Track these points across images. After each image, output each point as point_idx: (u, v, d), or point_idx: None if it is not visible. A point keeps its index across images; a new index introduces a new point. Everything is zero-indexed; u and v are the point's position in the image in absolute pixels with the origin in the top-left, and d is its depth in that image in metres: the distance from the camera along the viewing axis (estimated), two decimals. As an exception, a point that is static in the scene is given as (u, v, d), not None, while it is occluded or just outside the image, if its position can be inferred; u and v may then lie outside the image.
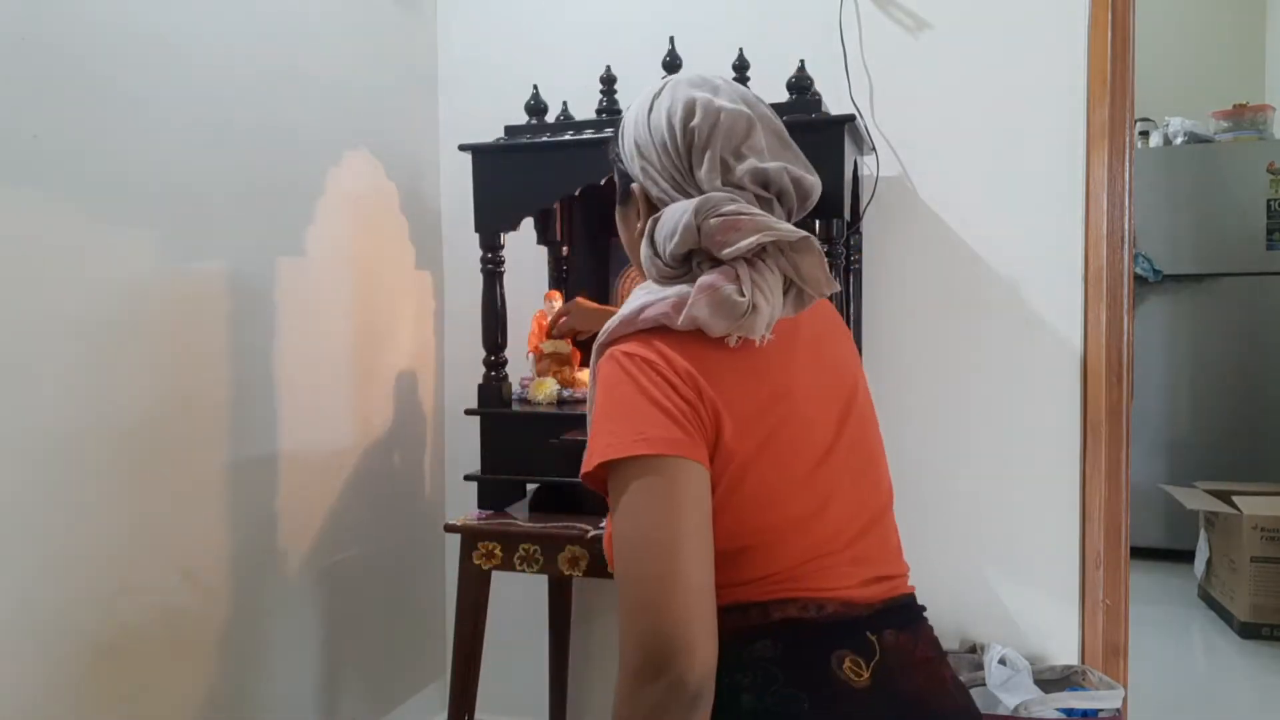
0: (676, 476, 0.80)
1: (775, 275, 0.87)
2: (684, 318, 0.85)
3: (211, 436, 1.53)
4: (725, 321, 0.84)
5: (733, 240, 0.85)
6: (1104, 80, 1.73)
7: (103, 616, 1.33)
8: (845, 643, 0.84)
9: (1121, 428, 1.76)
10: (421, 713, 2.13)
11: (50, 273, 1.26)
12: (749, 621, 0.84)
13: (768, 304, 0.85)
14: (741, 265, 0.86)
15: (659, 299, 0.88)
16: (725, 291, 0.84)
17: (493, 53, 2.13)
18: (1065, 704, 1.61)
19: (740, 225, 0.85)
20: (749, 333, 0.85)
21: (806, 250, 0.87)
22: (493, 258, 1.65)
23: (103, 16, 1.33)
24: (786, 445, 0.87)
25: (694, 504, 0.80)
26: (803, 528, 0.86)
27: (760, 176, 0.90)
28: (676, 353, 0.85)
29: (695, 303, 0.84)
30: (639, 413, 0.82)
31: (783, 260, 0.87)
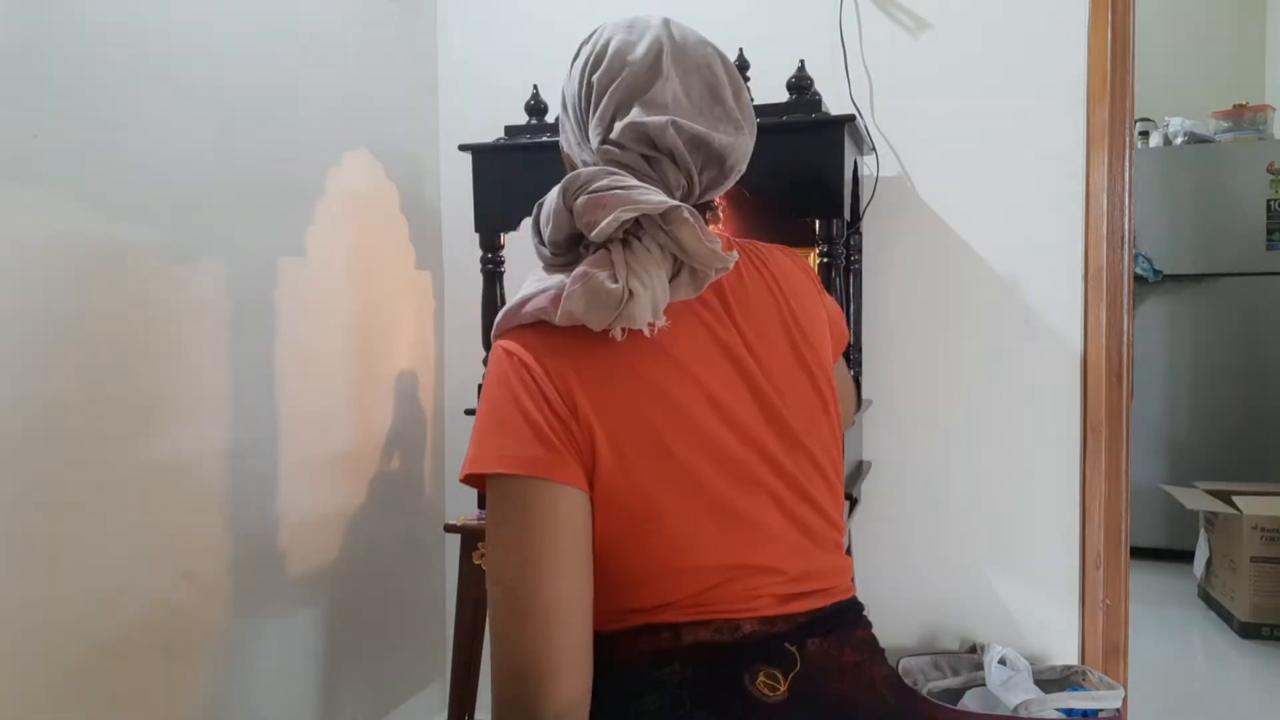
0: (538, 501, 0.74)
1: (655, 254, 0.77)
2: (560, 312, 0.77)
3: (212, 436, 1.53)
4: (602, 312, 0.75)
5: (598, 220, 0.76)
6: (1104, 80, 1.73)
7: (103, 616, 1.33)
8: (760, 658, 0.78)
9: (1121, 428, 1.76)
10: (421, 713, 2.13)
11: (49, 272, 1.26)
12: (659, 645, 0.79)
13: (645, 288, 0.75)
14: (616, 248, 0.77)
15: (541, 290, 0.80)
16: (597, 280, 0.75)
17: (493, 53, 2.13)
18: (1065, 704, 1.61)
19: (605, 202, 0.76)
20: (631, 322, 0.75)
21: (678, 222, 0.76)
22: (493, 258, 1.65)
23: (103, 17, 1.33)
24: (686, 464, 0.78)
25: (561, 530, 0.74)
26: (713, 551, 0.79)
27: (639, 131, 0.79)
28: (555, 356, 0.78)
29: (570, 295, 0.76)
30: (508, 424, 0.76)
31: (661, 236, 0.77)
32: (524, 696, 0.71)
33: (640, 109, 0.80)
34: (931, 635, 1.86)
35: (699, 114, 0.82)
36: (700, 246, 0.77)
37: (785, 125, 1.49)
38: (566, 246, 0.82)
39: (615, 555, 0.78)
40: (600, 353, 0.79)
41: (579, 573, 0.75)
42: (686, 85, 0.82)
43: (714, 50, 0.87)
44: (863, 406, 1.76)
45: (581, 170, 0.79)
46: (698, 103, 0.83)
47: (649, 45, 0.83)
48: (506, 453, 0.75)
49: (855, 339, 1.81)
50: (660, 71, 0.81)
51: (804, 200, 1.48)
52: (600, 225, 0.75)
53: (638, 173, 0.81)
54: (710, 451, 0.79)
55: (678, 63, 0.83)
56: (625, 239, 0.78)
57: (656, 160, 0.81)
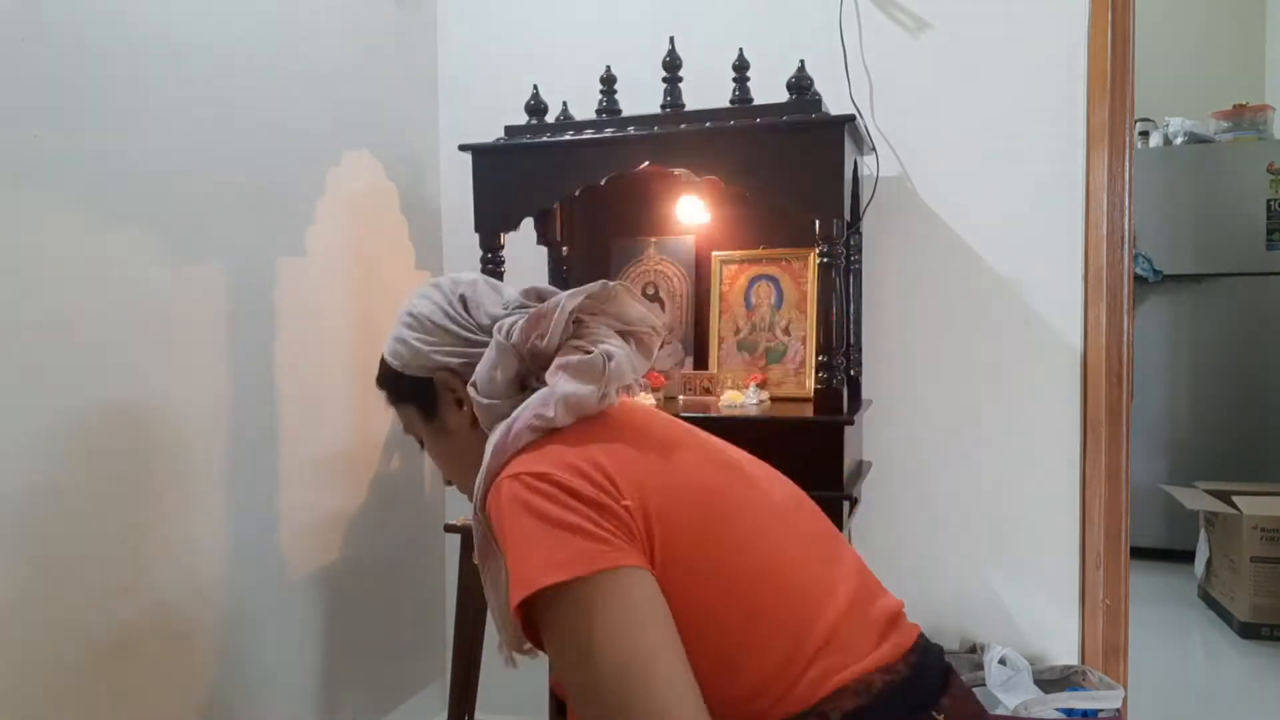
0: (606, 595, 0.69)
1: (606, 330, 0.86)
2: (555, 408, 0.79)
3: (211, 436, 1.53)
4: (594, 385, 0.80)
5: (546, 328, 0.83)
6: (1104, 80, 1.73)
7: (103, 616, 1.33)
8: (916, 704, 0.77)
9: (1121, 428, 1.76)
10: (421, 713, 2.13)
11: (49, 272, 1.26)
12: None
13: (619, 348, 0.83)
14: (569, 343, 0.85)
15: (517, 418, 0.81)
16: (575, 360, 0.82)
17: (493, 53, 2.13)
18: (1065, 704, 1.61)
19: (542, 314, 0.84)
20: (622, 379, 0.82)
21: (617, 293, 0.85)
22: (493, 258, 1.65)
23: (103, 17, 1.33)
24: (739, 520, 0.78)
25: (643, 613, 0.69)
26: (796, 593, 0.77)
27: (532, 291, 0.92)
28: (569, 449, 0.77)
29: (556, 386, 0.80)
30: (541, 538, 0.71)
31: (601, 319, 0.86)
32: None
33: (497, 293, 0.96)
34: (931, 635, 1.84)
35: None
36: (639, 309, 0.86)
37: (785, 125, 1.49)
38: (518, 387, 0.88)
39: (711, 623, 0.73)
40: (608, 433, 0.81)
41: (678, 650, 0.70)
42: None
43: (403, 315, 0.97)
44: (863, 406, 1.76)
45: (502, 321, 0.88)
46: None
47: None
48: (553, 561, 0.70)
49: (855, 339, 1.81)
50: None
51: (804, 200, 1.48)
52: (550, 327, 0.83)
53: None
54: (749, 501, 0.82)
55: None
56: (575, 334, 0.86)
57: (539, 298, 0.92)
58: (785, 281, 1.79)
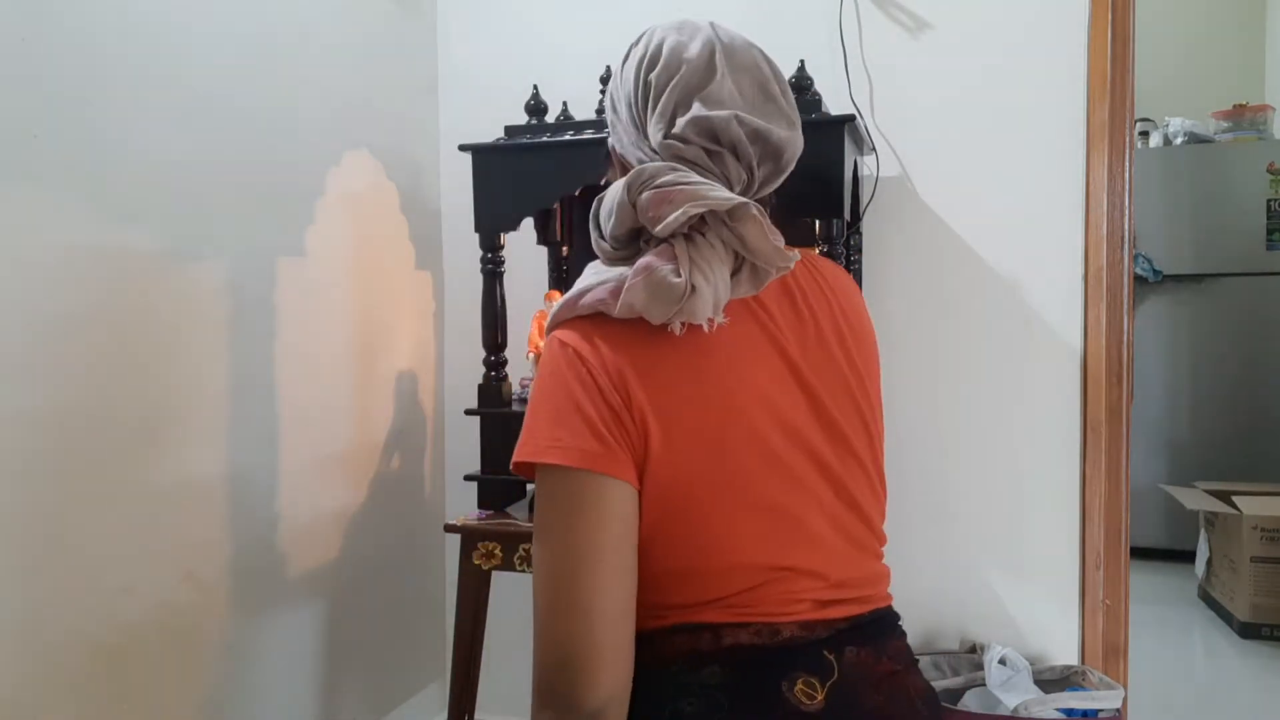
0: (589, 495, 0.75)
1: (719, 250, 0.79)
2: (620, 304, 0.78)
3: (212, 436, 1.53)
4: (664, 306, 0.76)
5: (664, 214, 0.77)
6: (1104, 80, 1.73)
7: (103, 616, 1.33)
8: (799, 665, 0.78)
9: (1121, 428, 1.76)
10: (421, 713, 2.13)
11: (49, 272, 1.26)
12: (699, 645, 0.78)
13: (708, 283, 0.77)
14: (680, 242, 0.78)
15: (599, 282, 0.81)
16: (661, 273, 0.76)
17: (492, 53, 2.13)
18: (1065, 704, 1.61)
19: (672, 197, 0.77)
20: (692, 317, 0.76)
21: (745, 218, 0.78)
22: (493, 258, 1.65)
23: (103, 17, 1.33)
24: (735, 461, 0.79)
25: (608, 524, 0.75)
26: (756, 550, 0.79)
27: (703, 125, 0.80)
28: (612, 348, 0.79)
29: (631, 287, 0.77)
30: (560, 414, 0.77)
31: (725, 232, 0.79)
32: (565, 688, 0.72)
33: (700, 104, 0.81)
34: (931, 635, 1.86)
35: (755, 110, 0.83)
36: (765, 244, 0.79)
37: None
38: (627, 241, 0.83)
39: (659, 547, 0.79)
40: (658, 347, 0.79)
41: (625, 568, 0.76)
42: (739, 83, 0.83)
43: (760, 51, 0.88)
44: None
45: (645, 165, 0.80)
46: (752, 99, 0.84)
47: (703, 44, 0.84)
48: (560, 443, 0.76)
49: (855, 339, 1.81)
50: (716, 69, 0.83)
51: (804, 200, 1.48)
52: (666, 220, 0.77)
53: (699, 167, 0.82)
54: (761, 451, 0.80)
55: (730, 61, 0.84)
56: (689, 234, 0.79)
57: (719, 154, 0.82)
58: (785, 281, 1.79)
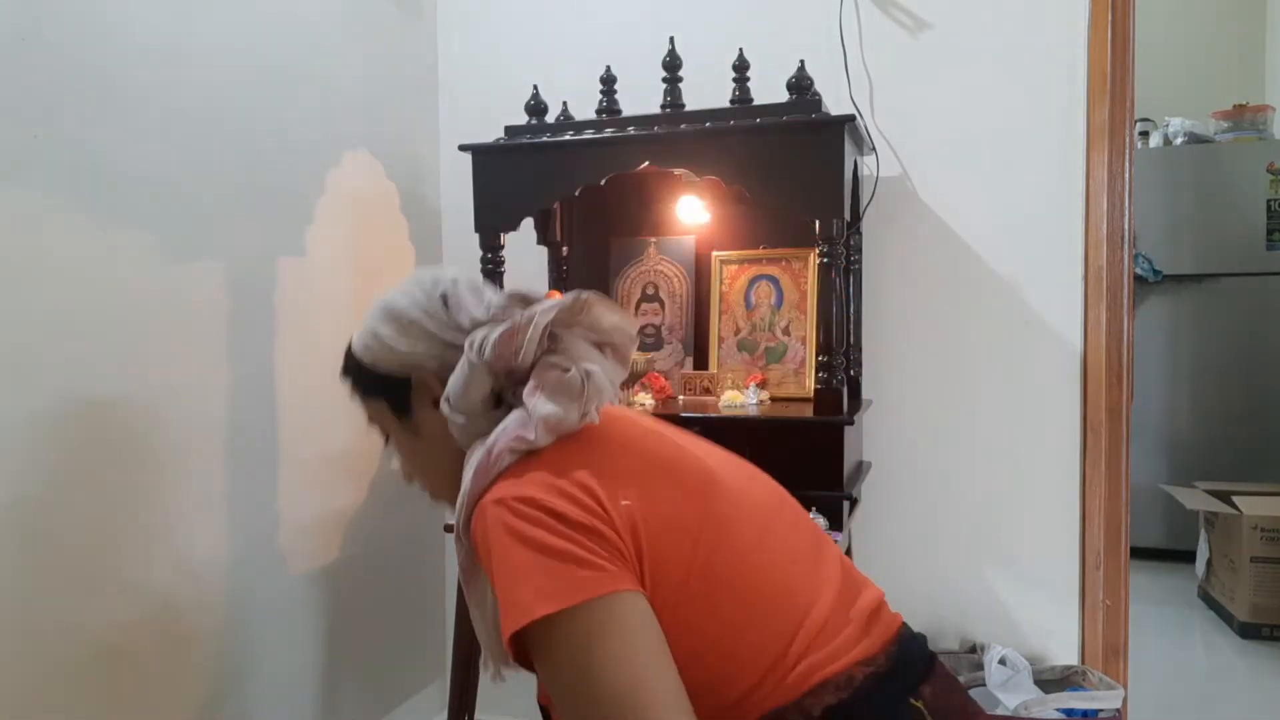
0: (603, 621, 0.68)
1: (582, 344, 0.83)
2: (536, 430, 0.77)
3: (211, 436, 1.53)
4: (573, 401, 0.78)
5: (520, 343, 0.80)
6: (1104, 80, 1.73)
7: (102, 616, 1.33)
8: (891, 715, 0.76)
9: (1121, 428, 1.76)
10: (421, 713, 2.13)
11: (49, 273, 1.25)
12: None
13: (596, 364, 0.81)
14: (544, 360, 0.81)
15: (496, 440, 0.79)
16: (553, 378, 0.79)
17: (492, 53, 2.13)
18: (1065, 704, 1.61)
19: (516, 329, 0.80)
20: (601, 397, 0.80)
21: (591, 304, 0.82)
22: (493, 258, 1.65)
23: (103, 17, 1.33)
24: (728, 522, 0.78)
25: (640, 635, 0.69)
26: (782, 603, 0.78)
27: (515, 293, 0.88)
28: (552, 470, 0.76)
29: (536, 407, 0.78)
30: (529, 568, 0.70)
31: (577, 331, 0.83)
32: None
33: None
34: (931, 635, 1.86)
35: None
36: (615, 316, 0.84)
37: (785, 125, 1.49)
38: (493, 403, 0.85)
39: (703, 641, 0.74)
40: (593, 451, 0.79)
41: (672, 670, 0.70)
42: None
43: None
44: (863, 406, 1.76)
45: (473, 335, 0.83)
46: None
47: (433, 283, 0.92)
48: (544, 591, 0.69)
49: (855, 339, 1.81)
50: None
51: (804, 200, 1.48)
52: (524, 344, 0.80)
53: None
54: (738, 502, 0.81)
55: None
56: (549, 349, 0.82)
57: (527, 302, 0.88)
58: (785, 281, 1.79)
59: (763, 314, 1.80)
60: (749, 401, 1.65)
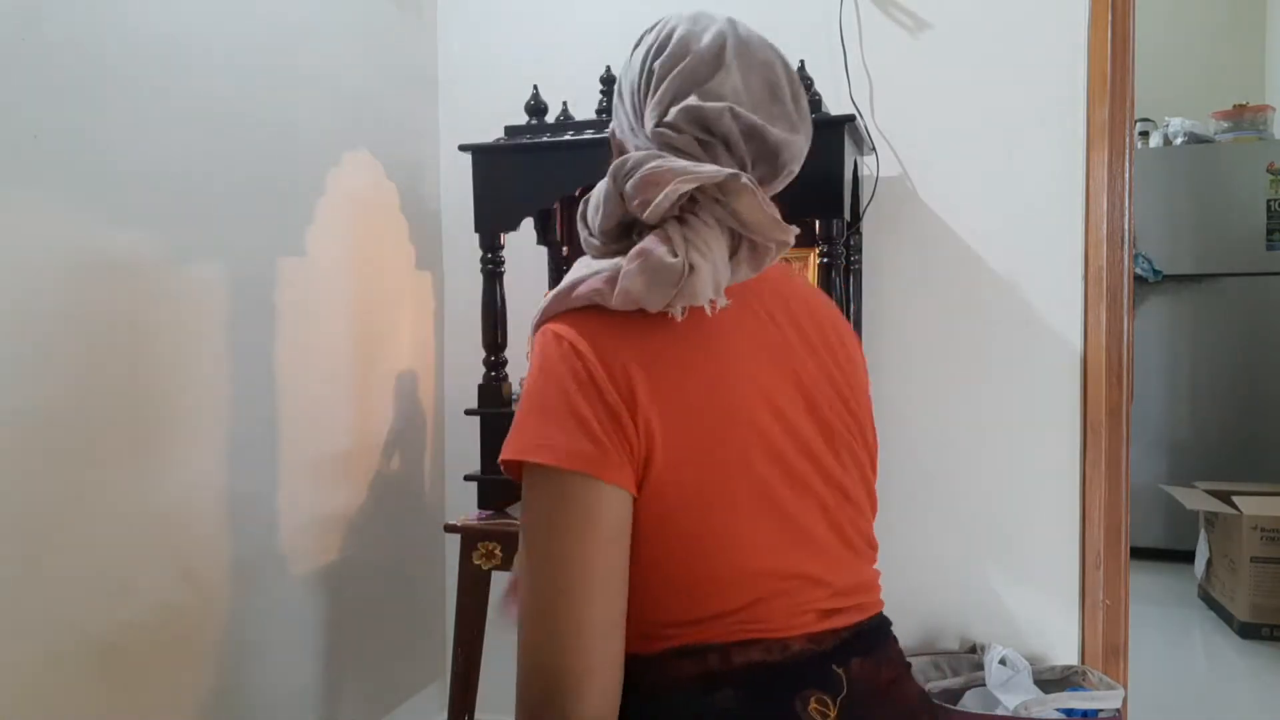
0: (580, 500, 0.70)
1: (714, 228, 0.75)
2: (618, 293, 0.73)
3: (211, 436, 1.53)
4: (663, 290, 0.72)
5: (652, 197, 0.73)
6: (1104, 80, 1.73)
7: (103, 616, 1.33)
8: (810, 681, 0.75)
9: (1121, 428, 1.76)
10: (421, 713, 2.13)
11: (50, 273, 1.25)
12: (708, 667, 0.74)
13: (707, 261, 0.73)
14: (673, 225, 0.75)
15: (592, 273, 0.77)
16: (657, 255, 0.72)
17: (492, 53, 2.13)
18: (1065, 704, 1.61)
19: (658, 179, 0.74)
20: (693, 299, 0.73)
21: (738, 191, 0.74)
22: (493, 258, 1.65)
23: (103, 16, 1.33)
24: (742, 463, 0.76)
25: (598, 531, 0.70)
26: (766, 556, 0.76)
27: (695, 115, 0.77)
28: (612, 341, 0.74)
29: (627, 273, 0.73)
30: (554, 414, 0.72)
31: (718, 210, 0.75)
32: (552, 706, 0.68)
33: (698, 96, 0.78)
34: (931, 635, 1.86)
35: (757, 107, 0.80)
36: (760, 215, 0.75)
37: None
38: (618, 234, 0.80)
39: (660, 559, 0.74)
40: (659, 339, 0.76)
41: (616, 578, 0.72)
42: (747, 80, 0.81)
43: (776, 52, 0.85)
44: (863, 406, 1.76)
45: (630, 154, 0.77)
46: (757, 97, 0.81)
47: (714, 37, 0.82)
48: (550, 443, 0.71)
49: (855, 339, 1.81)
50: (722, 63, 0.80)
51: (804, 200, 1.48)
52: (655, 201, 0.73)
53: (690, 156, 0.78)
54: (766, 451, 0.77)
55: (740, 57, 0.81)
56: (681, 216, 0.76)
57: (710, 145, 0.79)
58: (785, 281, 1.79)
59: (763, 314, 1.80)
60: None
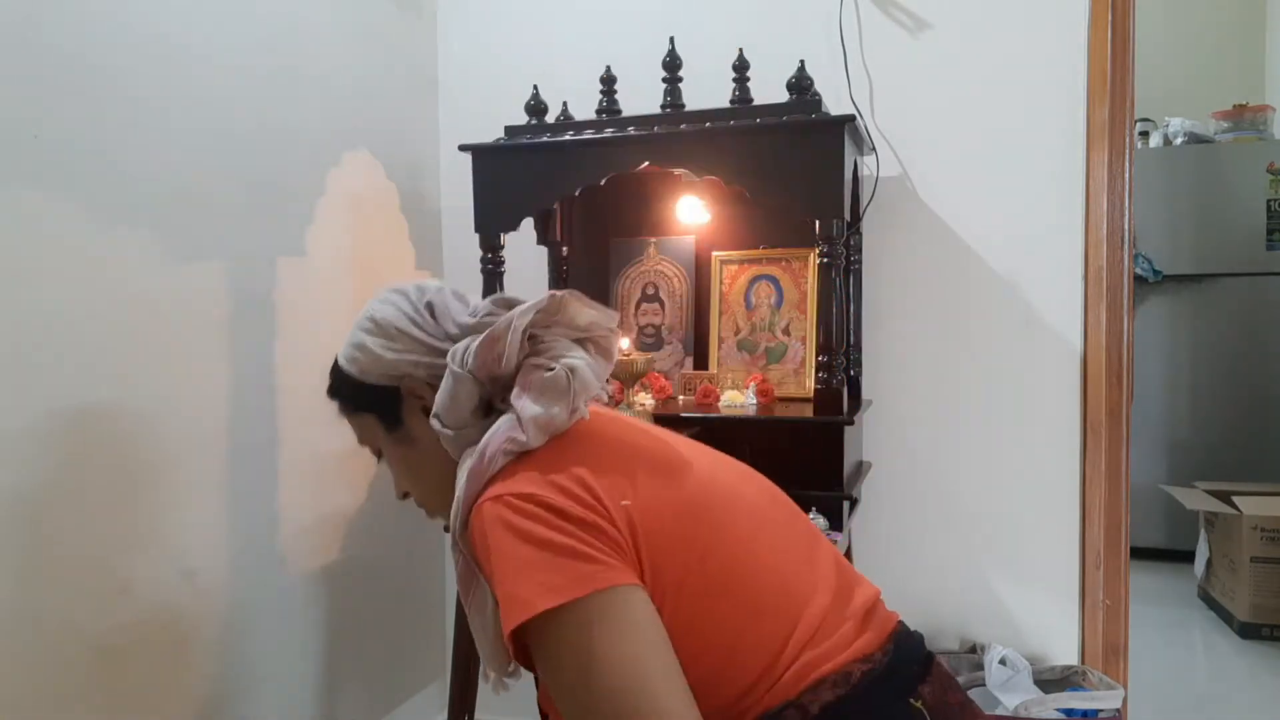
0: (605, 612, 0.68)
1: (564, 341, 0.84)
2: (527, 430, 0.78)
3: (211, 436, 1.53)
4: (562, 401, 0.79)
5: (501, 350, 0.81)
6: (1104, 80, 1.73)
7: (103, 616, 1.33)
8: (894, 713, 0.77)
9: (1121, 428, 1.76)
10: (421, 713, 2.13)
11: (50, 273, 1.25)
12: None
13: (580, 359, 0.82)
14: (529, 362, 0.82)
15: (488, 444, 0.79)
16: (538, 379, 0.80)
17: (492, 53, 2.13)
18: (1065, 704, 1.61)
19: (496, 336, 0.81)
20: (589, 392, 0.81)
21: (560, 307, 0.83)
22: (493, 258, 1.65)
23: (103, 16, 1.33)
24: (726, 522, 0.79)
25: (643, 626, 0.69)
26: (778, 602, 0.77)
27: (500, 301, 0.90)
28: (556, 468, 0.76)
29: (523, 411, 0.78)
30: (533, 563, 0.70)
31: (556, 329, 0.84)
32: None
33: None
34: (931, 635, 1.86)
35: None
36: (593, 312, 0.84)
37: (785, 125, 1.49)
38: (484, 412, 0.85)
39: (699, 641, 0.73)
40: (589, 445, 0.80)
41: (675, 666, 0.70)
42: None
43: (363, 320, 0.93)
44: (863, 406, 1.76)
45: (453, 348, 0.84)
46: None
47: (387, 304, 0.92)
48: (549, 585, 0.68)
49: (855, 339, 1.81)
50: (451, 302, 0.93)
51: (804, 200, 1.48)
52: (504, 353, 0.80)
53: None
54: (731, 497, 0.81)
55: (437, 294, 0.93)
56: (531, 350, 0.83)
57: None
58: (785, 281, 1.79)
59: (763, 314, 1.80)
60: (749, 402, 1.65)
